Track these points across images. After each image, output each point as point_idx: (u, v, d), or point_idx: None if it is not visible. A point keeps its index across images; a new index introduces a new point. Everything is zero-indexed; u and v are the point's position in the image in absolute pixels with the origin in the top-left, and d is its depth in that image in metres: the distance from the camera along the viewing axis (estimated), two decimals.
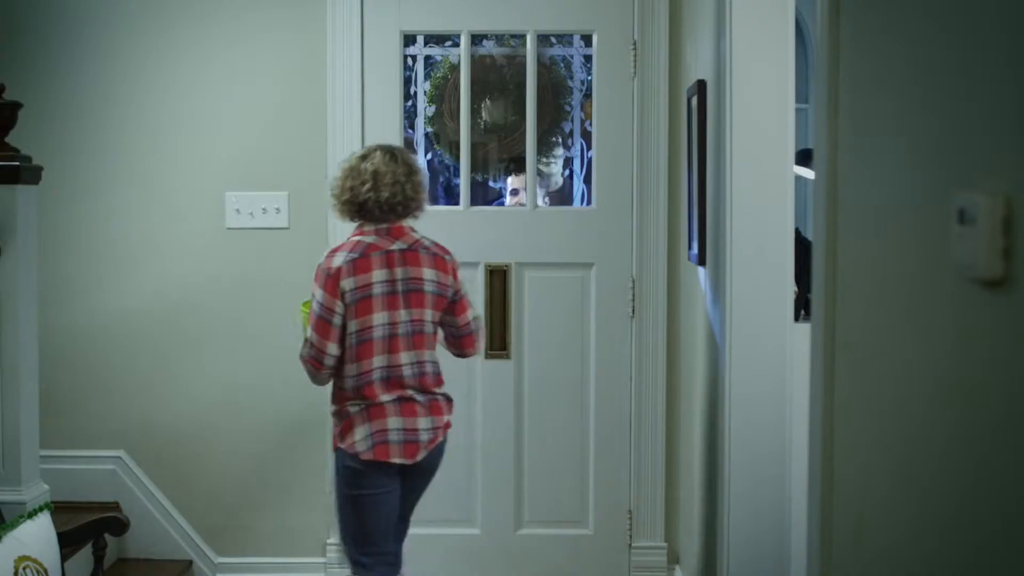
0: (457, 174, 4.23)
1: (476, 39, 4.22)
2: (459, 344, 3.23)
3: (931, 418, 1.48)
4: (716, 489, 3.28)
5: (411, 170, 3.14)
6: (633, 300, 4.13)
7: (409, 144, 4.24)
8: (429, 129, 4.31)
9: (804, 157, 3.88)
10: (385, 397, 3.03)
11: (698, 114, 3.51)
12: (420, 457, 3.06)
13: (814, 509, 2.07)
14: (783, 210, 3.17)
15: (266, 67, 4.08)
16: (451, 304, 3.16)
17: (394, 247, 3.09)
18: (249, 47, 4.08)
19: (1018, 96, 1.19)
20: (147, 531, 4.09)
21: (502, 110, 4.38)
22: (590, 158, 4.23)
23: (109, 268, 4.12)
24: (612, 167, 4.12)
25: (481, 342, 3.30)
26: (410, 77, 4.22)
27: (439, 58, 4.30)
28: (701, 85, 3.50)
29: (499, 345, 4.15)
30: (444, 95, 4.29)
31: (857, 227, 1.86)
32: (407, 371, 3.06)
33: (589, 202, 4.23)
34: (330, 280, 3.03)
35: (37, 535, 2.99)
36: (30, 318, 3.29)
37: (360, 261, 3.05)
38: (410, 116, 4.23)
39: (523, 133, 4.20)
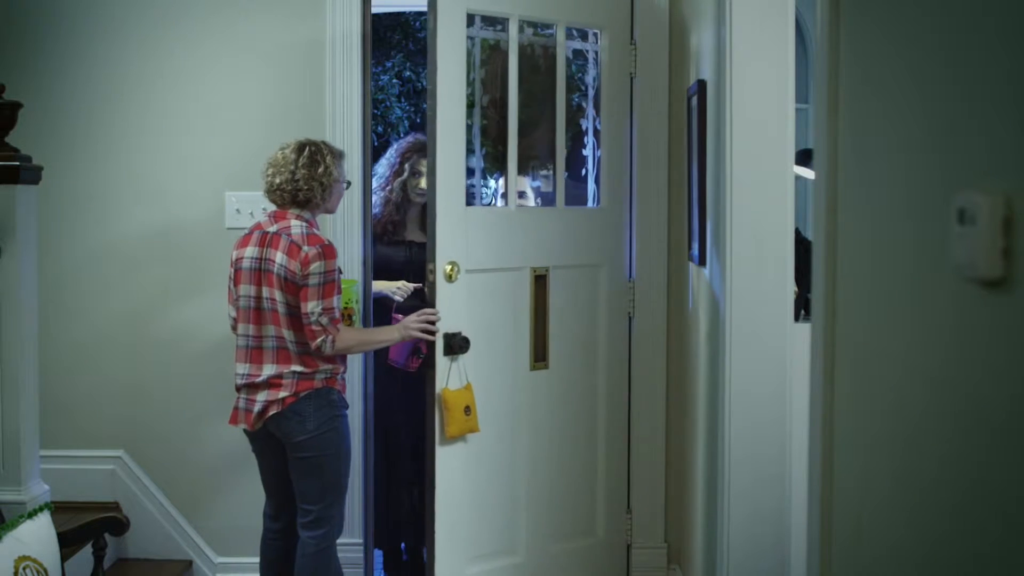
0: (486, 174, 4.03)
1: (493, 24, 3.87)
2: (303, 330, 3.33)
3: (931, 418, 1.48)
4: (716, 489, 3.28)
5: (311, 163, 3.39)
6: (633, 300, 4.12)
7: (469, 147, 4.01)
8: (483, 121, 4.04)
9: (804, 157, 3.88)
10: (241, 369, 3.40)
11: (698, 114, 3.52)
12: (257, 425, 3.38)
13: (814, 509, 2.07)
14: (783, 210, 3.18)
15: (266, 67, 4.08)
16: (297, 289, 3.32)
17: (270, 230, 3.39)
18: (250, 47, 4.08)
19: (1018, 96, 1.19)
20: (147, 531, 4.09)
21: (523, 104, 4.22)
22: (598, 157, 4.16)
23: (109, 268, 4.12)
24: (615, 167, 4.10)
25: (317, 340, 3.30)
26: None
27: (491, 41, 4.09)
28: (701, 85, 3.50)
29: (541, 355, 3.92)
30: (484, 82, 4.12)
31: (857, 227, 1.86)
32: (267, 343, 3.37)
33: (597, 202, 4.16)
34: (231, 252, 3.48)
35: (37, 535, 2.99)
36: (30, 318, 3.29)
37: (244, 237, 3.46)
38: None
39: (544, 130, 4.03)
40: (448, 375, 3.63)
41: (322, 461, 3.38)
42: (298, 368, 3.34)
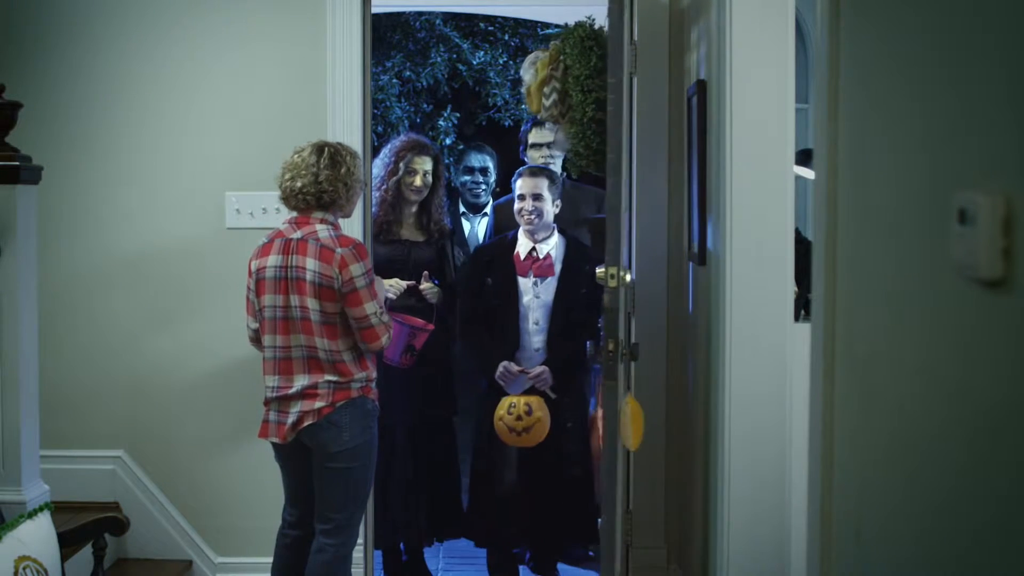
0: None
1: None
2: (359, 336, 3.30)
3: (931, 418, 1.48)
4: (716, 488, 3.28)
5: (333, 164, 3.33)
6: (633, 300, 4.12)
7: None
8: None
9: (804, 157, 3.88)
10: (271, 381, 3.33)
11: (698, 114, 3.51)
12: (289, 438, 3.31)
13: (814, 509, 2.07)
14: (783, 210, 3.18)
15: (266, 67, 4.07)
16: (343, 295, 3.25)
17: (293, 236, 3.31)
18: (250, 47, 4.08)
19: (1016, 96, 1.19)
20: (147, 531, 4.08)
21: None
22: None
23: (109, 267, 4.12)
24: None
25: (382, 339, 3.31)
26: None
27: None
28: (701, 85, 3.50)
29: None
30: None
31: (857, 227, 1.86)
32: (296, 353, 3.30)
33: None
34: (250, 261, 3.40)
35: (37, 535, 2.99)
36: (30, 318, 3.29)
37: (264, 246, 3.36)
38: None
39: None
40: (631, 384, 3.45)
41: (353, 472, 3.33)
42: (332, 377, 3.28)
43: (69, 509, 3.72)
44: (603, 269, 3.37)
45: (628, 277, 3.38)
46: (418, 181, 4.30)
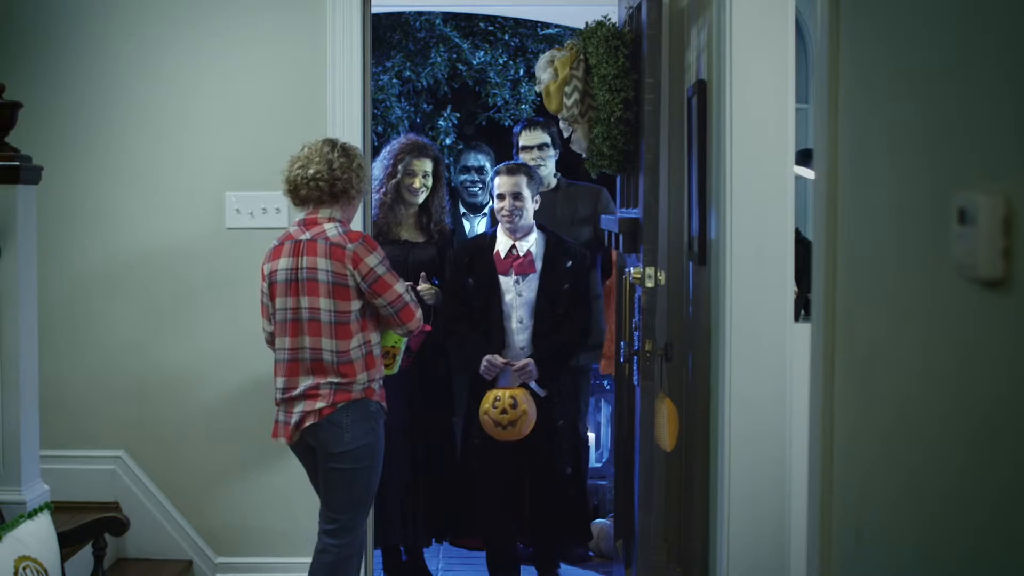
0: None
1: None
2: (397, 320, 3.36)
3: (931, 418, 1.48)
4: (716, 488, 3.28)
5: (346, 154, 3.37)
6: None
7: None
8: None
9: (804, 157, 3.88)
10: (279, 383, 3.36)
11: (698, 114, 3.51)
12: (294, 438, 3.35)
13: (814, 509, 2.07)
14: (783, 210, 3.18)
15: (266, 67, 4.07)
16: (369, 288, 3.29)
17: (302, 237, 3.33)
18: (250, 47, 4.07)
19: (1016, 95, 1.19)
20: (147, 531, 4.08)
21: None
22: None
23: (109, 267, 4.12)
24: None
25: (417, 314, 3.39)
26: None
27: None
28: (701, 85, 3.50)
29: None
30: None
31: (857, 227, 1.86)
32: (303, 355, 3.32)
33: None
34: (262, 266, 3.43)
35: (37, 535, 2.99)
36: (30, 318, 3.29)
37: (275, 249, 3.38)
38: None
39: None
40: (668, 387, 3.47)
41: (355, 474, 3.33)
42: (335, 379, 3.29)
43: (69, 509, 3.72)
44: (638, 268, 3.39)
45: (663, 277, 3.39)
46: (416, 183, 4.30)
